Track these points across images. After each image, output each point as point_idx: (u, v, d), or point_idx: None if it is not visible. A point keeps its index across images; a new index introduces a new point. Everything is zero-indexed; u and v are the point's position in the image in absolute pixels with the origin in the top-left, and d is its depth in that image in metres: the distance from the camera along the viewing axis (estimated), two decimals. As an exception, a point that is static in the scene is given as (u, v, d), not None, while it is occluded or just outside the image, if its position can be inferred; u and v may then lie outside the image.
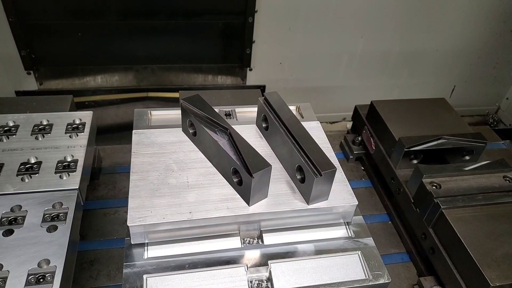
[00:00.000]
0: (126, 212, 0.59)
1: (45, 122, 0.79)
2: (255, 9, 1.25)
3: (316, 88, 1.50)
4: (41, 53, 1.25)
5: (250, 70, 1.39)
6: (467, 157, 0.92)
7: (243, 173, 0.60)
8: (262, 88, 1.43)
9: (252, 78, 1.42)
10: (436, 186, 0.77)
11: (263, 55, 1.36)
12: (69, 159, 0.71)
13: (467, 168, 0.80)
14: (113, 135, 1.41)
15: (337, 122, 1.59)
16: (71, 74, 1.32)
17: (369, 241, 0.67)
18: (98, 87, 1.36)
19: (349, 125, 1.18)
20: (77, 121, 0.79)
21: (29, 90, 1.30)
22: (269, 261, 0.61)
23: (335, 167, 0.61)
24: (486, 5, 1.39)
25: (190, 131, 0.73)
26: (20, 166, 0.69)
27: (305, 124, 0.71)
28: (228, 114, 0.85)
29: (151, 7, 1.22)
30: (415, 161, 0.92)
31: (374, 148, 1.00)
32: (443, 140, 0.88)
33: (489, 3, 1.39)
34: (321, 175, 0.59)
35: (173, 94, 1.40)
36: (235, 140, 0.64)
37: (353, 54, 1.42)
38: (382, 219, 0.94)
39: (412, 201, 0.83)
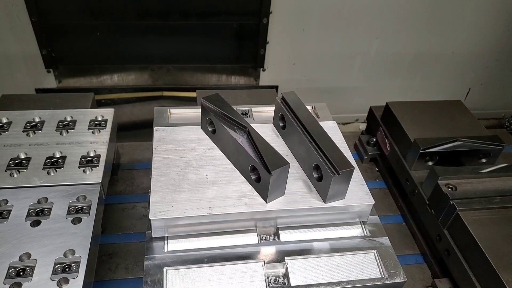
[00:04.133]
0: (144, 207, 0.61)
1: (69, 118, 0.81)
2: (270, 10, 1.26)
3: (328, 89, 1.50)
4: (61, 52, 1.28)
5: (264, 70, 1.40)
6: (484, 160, 0.92)
7: (262, 170, 0.61)
8: (275, 89, 1.44)
9: (265, 78, 1.43)
10: (452, 188, 0.77)
11: (277, 55, 1.37)
12: (92, 154, 0.74)
13: (484, 171, 0.80)
14: (129, 132, 1.44)
15: (349, 123, 1.59)
16: (89, 73, 1.36)
17: (385, 240, 0.67)
18: (115, 86, 1.39)
19: (361, 126, 1.18)
20: (99, 118, 0.82)
21: (48, 88, 1.34)
22: (285, 258, 0.62)
23: (353, 166, 0.62)
24: (504, 7, 1.37)
25: (209, 129, 0.74)
26: (46, 160, 0.72)
27: (321, 124, 0.72)
28: (244, 113, 0.86)
29: (167, 8, 1.25)
30: (430, 163, 0.92)
31: (389, 149, 1.00)
32: (459, 142, 0.88)
33: (508, 5, 1.37)
34: (339, 174, 0.60)
35: (188, 94, 1.42)
36: (253, 138, 0.65)
37: (366, 56, 1.42)
38: (396, 220, 0.94)
39: (427, 202, 0.82)
